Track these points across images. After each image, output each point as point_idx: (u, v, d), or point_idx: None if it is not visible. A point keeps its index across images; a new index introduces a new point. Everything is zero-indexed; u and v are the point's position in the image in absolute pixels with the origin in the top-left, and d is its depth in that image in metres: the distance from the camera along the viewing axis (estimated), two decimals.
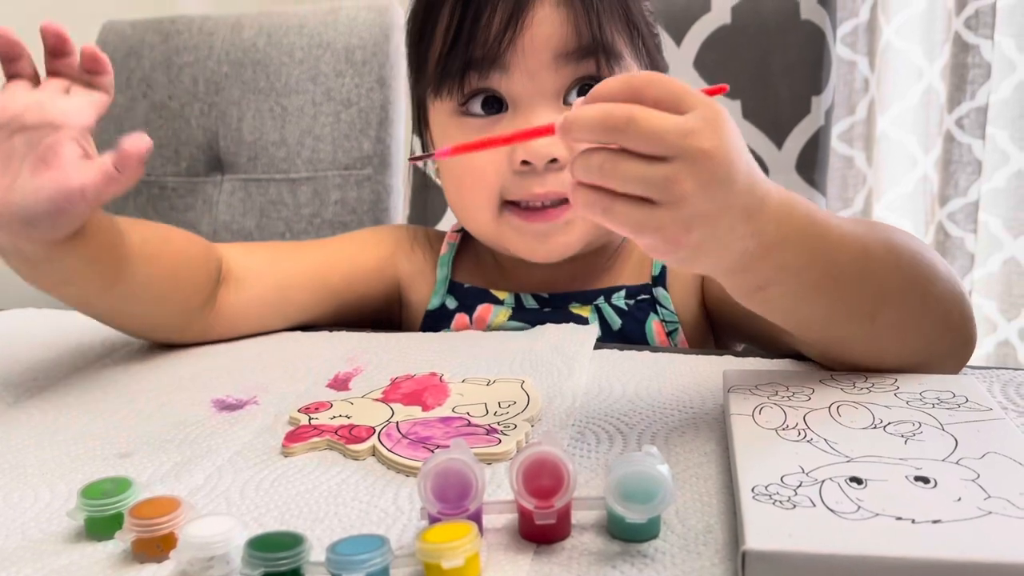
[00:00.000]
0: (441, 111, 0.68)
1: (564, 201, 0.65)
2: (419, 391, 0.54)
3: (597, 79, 0.61)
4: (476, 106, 0.66)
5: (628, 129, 0.38)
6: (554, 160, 0.63)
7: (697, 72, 1.03)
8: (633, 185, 0.39)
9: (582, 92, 0.65)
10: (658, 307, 0.70)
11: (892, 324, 0.48)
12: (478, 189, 0.67)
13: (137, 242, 0.60)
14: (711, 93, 0.45)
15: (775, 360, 0.57)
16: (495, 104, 0.66)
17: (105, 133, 1.30)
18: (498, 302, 0.73)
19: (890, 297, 0.48)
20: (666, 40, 1.03)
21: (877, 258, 0.47)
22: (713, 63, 1.03)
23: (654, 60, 0.70)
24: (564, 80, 0.64)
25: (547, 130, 0.43)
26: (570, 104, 0.65)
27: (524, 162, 0.63)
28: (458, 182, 0.69)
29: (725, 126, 0.40)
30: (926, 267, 0.49)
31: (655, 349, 0.62)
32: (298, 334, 0.72)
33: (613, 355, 0.60)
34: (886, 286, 0.47)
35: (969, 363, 0.53)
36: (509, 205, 0.67)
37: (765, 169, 1.02)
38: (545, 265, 0.69)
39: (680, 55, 1.03)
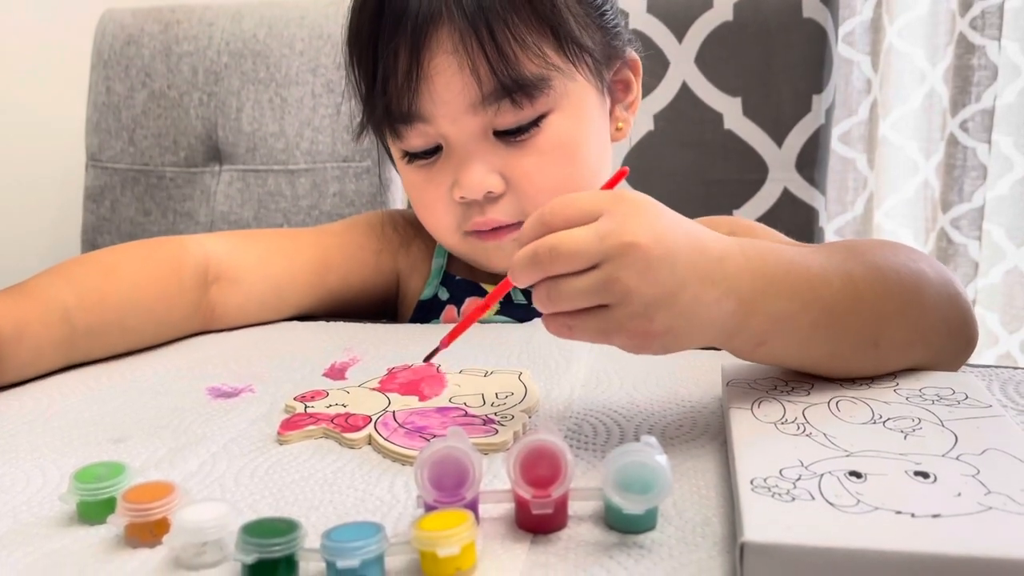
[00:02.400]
0: (391, 141, 0.69)
1: (510, 225, 0.66)
2: (416, 381, 0.53)
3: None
4: (416, 148, 0.66)
5: (554, 257, 0.40)
6: (491, 191, 0.65)
7: (698, 68, 1.03)
8: (580, 299, 0.40)
9: (498, 134, 0.64)
10: None
11: (897, 345, 0.47)
12: (435, 220, 0.69)
13: (72, 300, 0.59)
14: (611, 184, 0.47)
15: None
16: (434, 143, 0.66)
17: (104, 122, 1.29)
18: (486, 293, 0.73)
19: (889, 319, 0.46)
20: (668, 36, 1.03)
21: (866, 284, 0.46)
22: (715, 60, 1.03)
23: (598, 64, 0.67)
24: (487, 119, 0.64)
25: (506, 285, 0.45)
26: (499, 136, 0.65)
27: (462, 196, 0.65)
28: (420, 214, 0.71)
29: (643, 213, 0.41)
30: (916, 279, 0.48)
31: None
32: (295, 324, 0.71)
33: (611, 348, 0.60)
34: (882, 310, 0.46)
35: (968, 362, 0.53)
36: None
37: (764, 168, 1.02)
38: None
39: (682, 51, 1.03)
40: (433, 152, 0.66)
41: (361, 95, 0.67)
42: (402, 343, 0.63)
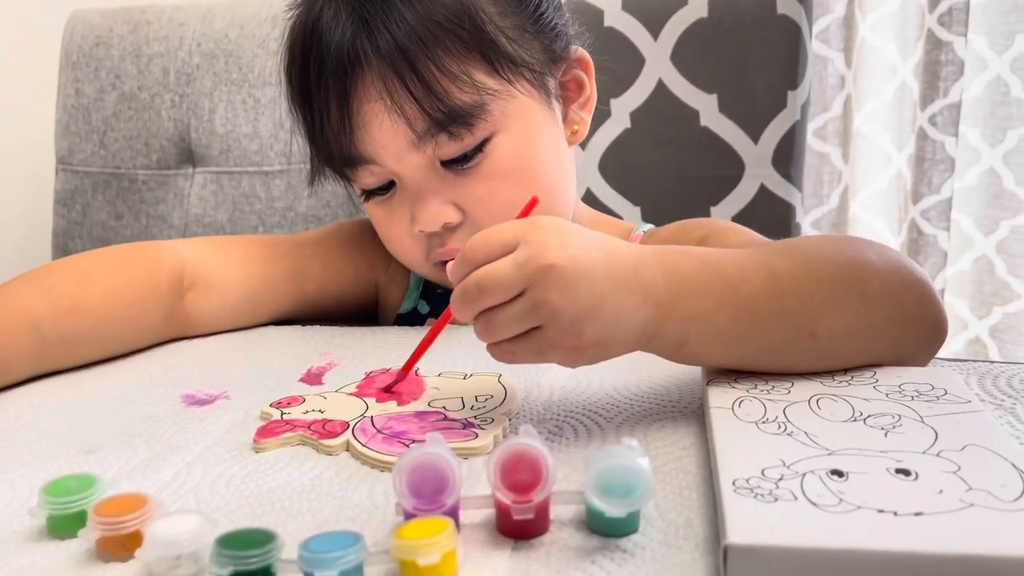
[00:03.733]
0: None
1: None
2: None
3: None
4: (370, 186, 0.65)
5: (481, 292, 0.42)
6: (448, 223, 0.63)
7: (674, 65, 1.02)
8: (513, 326, 0.42)
9: (446, 164, 0.63)
10: None
11: (838, 334, 0.47)
12: (403, 253, 0.68)
13: (43, 309, 0.58)
14: (525, 213, 0.50)
15: None
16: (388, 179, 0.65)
17: (73, 125, 1.27)
18: None
19: (823, 310, 0.46)
20: (643, 34, 1.03)
21: (791, 278, 0.46)
22: (690, 57, 1.02)
23: (539, 75, 0.64)
24: (430, 153, 0.62)
25: (447, 315, 0.49)
26: (447, 166, 0.63)
27: (421, 231, 0.64)
28: (388, 247, 0.70)
29: (555, 236, 0.43)
30: (856, 268, 0.48)
31: None
32: (270, 329, 0.70)
33: None
34: (812, 302, 0.46)
35: (946, 356, 0.53)
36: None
37: (741, 164, 1.02)
38: None
39: (657, 48, 1.03)
40: (389, 187, 0.65)
41: (305, 138, 0.66)
42: (380, 347, 0.63)
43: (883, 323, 0.48)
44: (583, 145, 1.05)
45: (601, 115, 1.04)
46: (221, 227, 1.22)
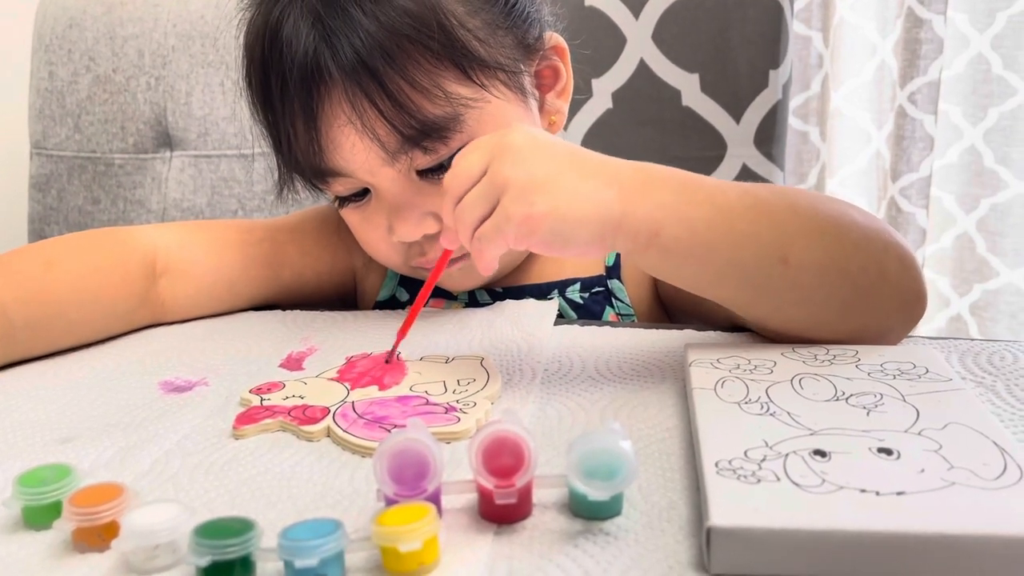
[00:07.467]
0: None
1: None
2: (375, 369, 0.52)
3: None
4: (343, 194, 0.63)
5: (454, 176, 0.48)
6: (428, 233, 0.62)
7: (655, 45, 1.02)
8: (477, 205, 0.46)
9: (422, 173, 0.60)
10: (613, 299, 0.69)
11: (809, 267, 0.47)
12: (382, 257, 0.67)
13: (8, 294, 0.57)
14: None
15: (736, 334, 0.57)
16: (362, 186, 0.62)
17: (47, 108, 1.25)
18: (451, 296, 0.71)
19: (796, 238, 0.47)
20: (624, 14, 1.02)
21: (767, 202, 0.48)
22: (671, 37, 1.02)
23: (513, 74, 0.61)
24: (404, 166, 0.59)
25: (446, 256, 0.53)
26: (424, 176, 0.60)
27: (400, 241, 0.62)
28: (365, 248, 0.67)
29: (519, 129, 0.48)
30: (835, 215, 0.49)
31: (616, 325, 0.62)
32: (250, 314, 0.70)
33: (573, 331, 0.59)
34: (786, 227, 0.47)
35: (927, 335, 0.53)
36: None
37: (723, 144, 1.02)
38: None
39: (639, 28, 1.02)
40: (364, 194, 0.63)
41: (271, 147, 0.63)
42: (361, 331, 0.62)
43: (856, 272, 0.49)
44: (565, 126, 1.04)
45: (583, 96, 1.03)
46: (200, 211, 1.20)
